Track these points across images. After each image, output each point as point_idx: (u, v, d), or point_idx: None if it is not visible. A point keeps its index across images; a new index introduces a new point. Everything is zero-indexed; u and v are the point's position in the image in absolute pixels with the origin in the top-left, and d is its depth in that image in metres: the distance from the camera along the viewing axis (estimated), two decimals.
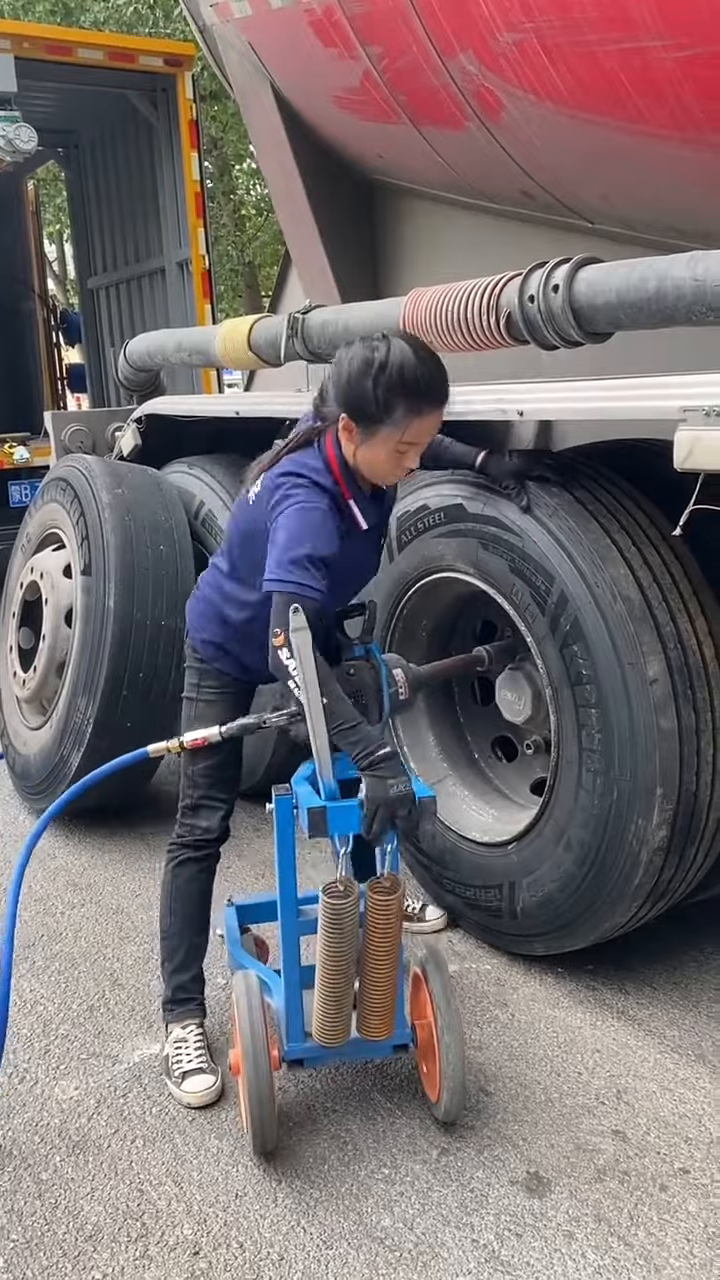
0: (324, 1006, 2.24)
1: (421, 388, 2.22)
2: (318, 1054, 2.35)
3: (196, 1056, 2.57)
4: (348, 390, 2.22)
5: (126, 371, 4.88)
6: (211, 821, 2.63)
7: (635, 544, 2.64)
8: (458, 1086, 2.31)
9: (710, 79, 2.57)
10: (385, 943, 2.20)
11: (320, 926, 2.16)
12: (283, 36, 3.94)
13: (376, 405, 2.20)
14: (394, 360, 2.19)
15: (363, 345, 2.25)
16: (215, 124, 14.81)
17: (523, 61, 2.97)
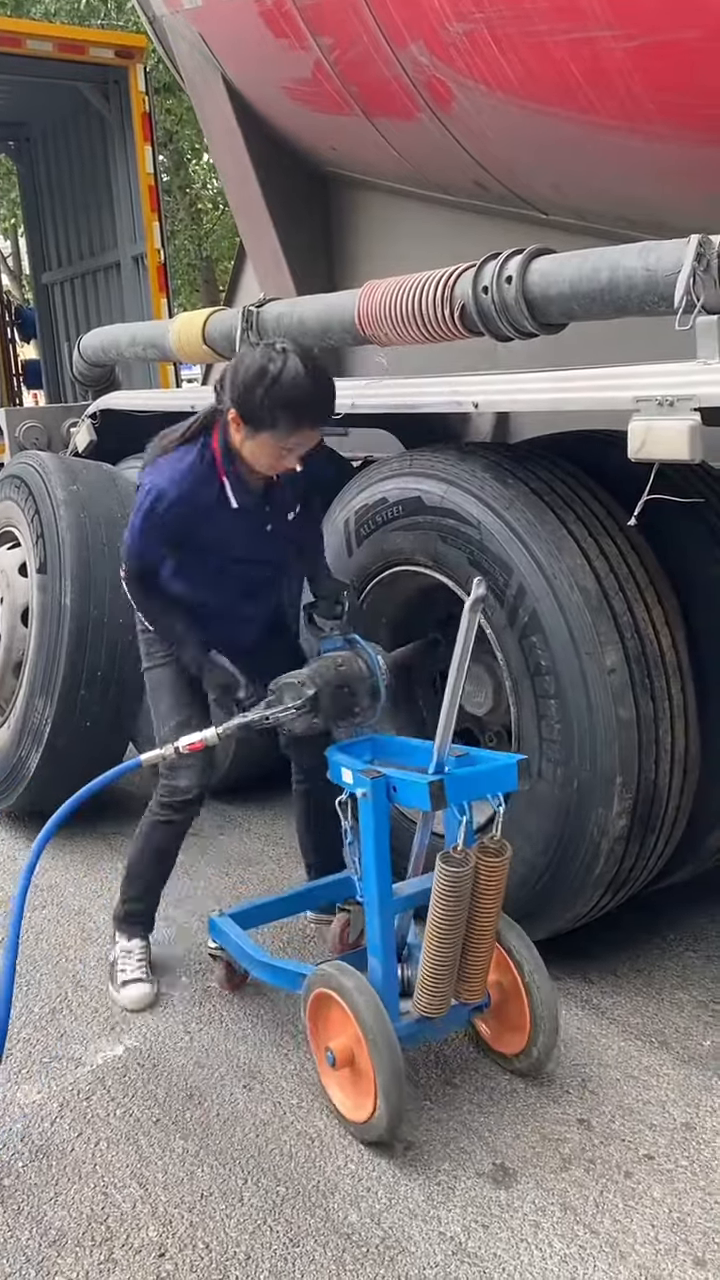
0: (434, 973, 2.29)
1: (306, 408, 2.41)
2: (414, 1030, 2.38)
3: (138, 967, 2.88)
4: (241, 394, 2.41)
5: (81, 367, 4.83)
6: (190, 779, 2.80)
7: (592, 534, 2.65)
8: (552, 1031, 2.42)
9: (659, 70, 2.58)
10: (492, 904, 2.32)
11: (435, 896, 2.24)
12: (233, 27, 3.91)
13: (263, 413, 2.39)
14: (286, 377, 2.36)
15: (262, 353, 2.40)
16: (170, 117, 14.69)
17: (473, 52, 2.97)
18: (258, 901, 2.94)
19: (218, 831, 3.94)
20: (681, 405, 2.12)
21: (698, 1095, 2.42)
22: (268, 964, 2.66)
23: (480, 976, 2.38)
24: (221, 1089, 2.53)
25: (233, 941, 2.75)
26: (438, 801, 2.22)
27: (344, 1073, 2.34)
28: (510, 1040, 2.49)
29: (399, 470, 3.01)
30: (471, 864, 2.24)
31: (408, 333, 2.90)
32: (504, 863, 2.29)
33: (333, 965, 2.39)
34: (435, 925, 2.26)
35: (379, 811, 2.33)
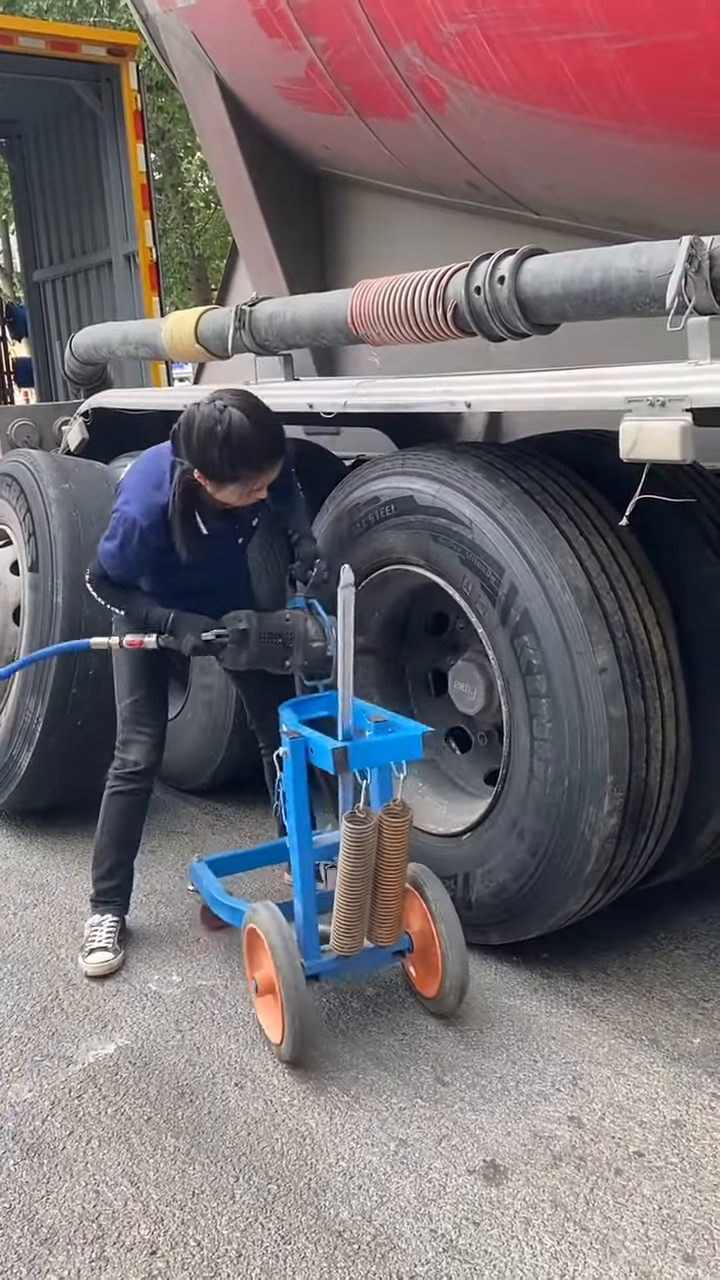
0: (346, 917, 2.51)
1: (260, 454, 2.59)
2: (334, 967, 2.62)
3: (105, 938, 3.03)
4: (198, 455, 2.58)
5: (73, 365, 4.83)
6: (139, 754, 3.02)
7: (583, 534, 2.66)
8: (460, 973, 2.62)
9: (652, 71, 2.59)
10: (396, 858, 2.53)
11: (343, 850, 2.46)
12: (226, 26, 3.91)
13: (224, 470, 2.58)
14: (234, 435, 2.52)
15: (206, 415, 2.54)
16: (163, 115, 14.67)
17: (466, 52, 2.97)
18: (230, 854, 3.26)
19: (209, 830, 3.94)
20: (673, 406, 2.13)
21: (687, 1092, 2.43)
22: (222, 903, 2.93)
23: (391, 921, 2.59)
24: (213, 1087, 2.53)
25: (204, 885, 3.04)
26: (340, 766, 2.43)
27: (266, 999, 2.59)
28: (428, 984, 2.70)
29: (391, 469, 3.02)
30: (374, 823, 2.45)
31: (400, 332, 2.90)
32: (405, 823, 2.50)
33: (261, 904, 2.63)
34: (343, 875, 2.48)
35: (297, 767, 2.56)
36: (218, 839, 3.87)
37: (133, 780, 3.04)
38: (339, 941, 2.56)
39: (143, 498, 2.73)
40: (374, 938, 2.61)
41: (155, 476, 2.74)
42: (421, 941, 2.69)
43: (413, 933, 2.70)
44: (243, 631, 2.78)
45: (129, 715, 3.05)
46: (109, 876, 3.10)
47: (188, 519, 2.70)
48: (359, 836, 2.44)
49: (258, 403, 2.63)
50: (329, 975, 2.66)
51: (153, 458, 2.82)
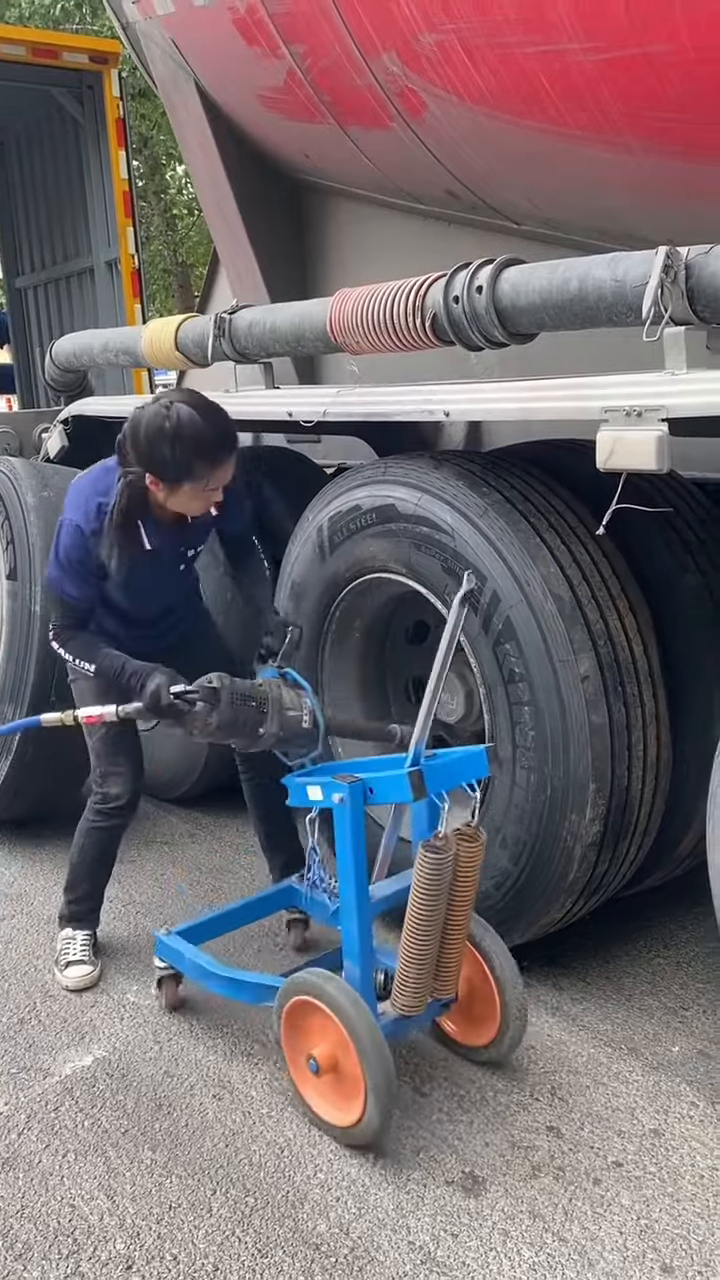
0: (416, 968, 2.29)
1: (214, 446, 2.50)
2: (395, 1029, 2.38)
3: (81, 951, 3.00)
4: (148, 456, 2.49)
5: (53, 372, 4.80)
6: (121, 788, 2.93)
7: (565, 543, 2.66)
8: (521, 1027, 2.44)
9: (627, 82, 2.60)
10: (468, 892, 2.33)
11: (417, 885, 2.24)
12: (206, 34, 3.91)
13: (177, 467, 2.48)
14: (185, 428, 2.45)
15: (154, 413, 2.47)
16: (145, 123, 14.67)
17: (444, 62, 2.98)
18: (205, 917, 2.88)
19: (189, 840, 3.92)
20: (649, 416, 2.14)
21: (666, 1102, 2.43)
22: (227, 978, 2.61)
23: (454, 970, 2.40)
24: (191, 1099, 2.52)
25: (186, 960, 2.71)
26: (419, 791, 2.24)
27: (328, 1079, 2.32)
28: (477, 1033, 2.52)
29: (372, 478, 3.02)
30: (453, 850, 2.25)
31: (379, 341, 2.90)
32: (480, 847, 2.32)
33: (310, 972, 2.37)
34: (416, 915, 2.25)
35: (356, 816, 2.32)
36: (197, 848, 3.85)
37: (115, 815, 2.96)
38: (406, 998, 2.32)
39: (85, 504, 2.63)
40: (436, 990, 2.39)
41: (102, 484, 2.64)
42: (466, 988, 2.49)
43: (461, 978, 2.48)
44: (213, 690, 2.50)
45: (104, 749, 2.93)
46: (83, 900, 3.06)
47: (130, 529, 2.59)
48: (437, 867, 2.23)
49: (204, 399, 2.57)
50: (390, 1040, 2.32)
51: (100, 470, 2.72)
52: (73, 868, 3.04)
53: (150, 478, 2.52)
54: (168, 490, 2.53)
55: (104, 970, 3.05)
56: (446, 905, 2.29)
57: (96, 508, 2.60)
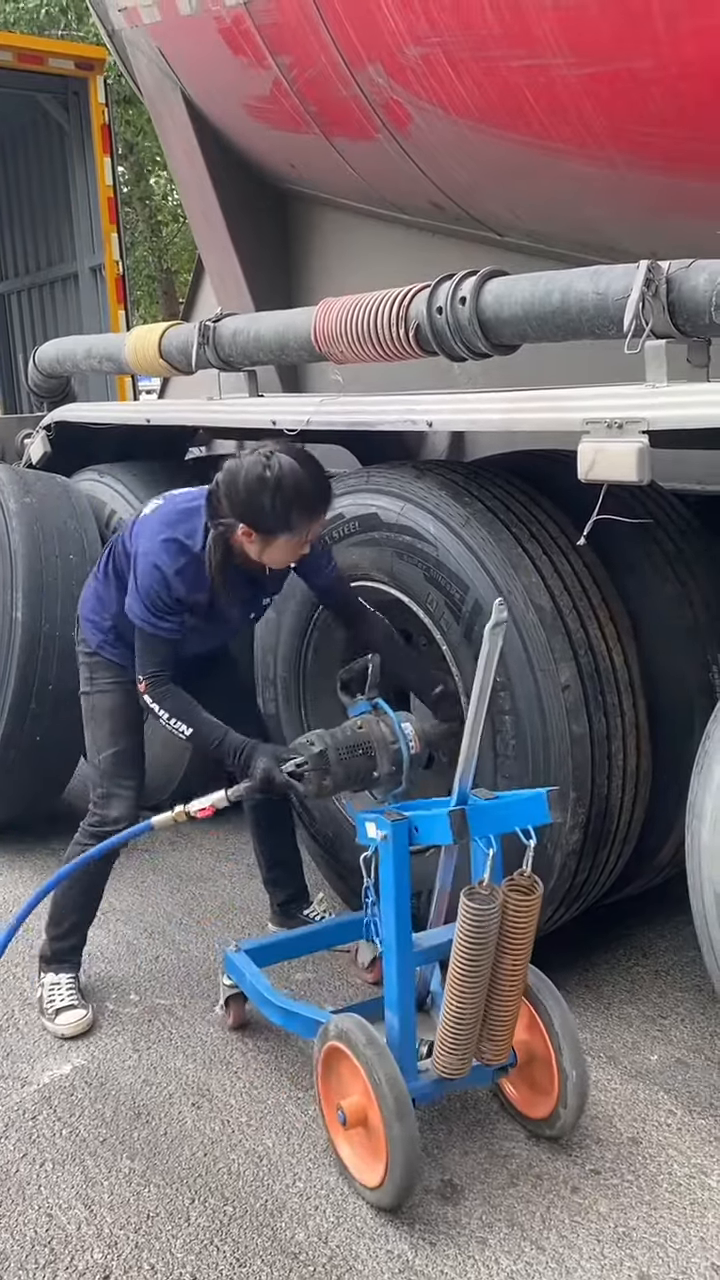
0: (457, 1028, 2.11)
1: (315, 499, 2.47)
2: (432, 1090, 2.25)
3: (68, 995, 2.85)
4: (246, 507, 2.42)
5: (36, 378, 4.80)
6: (121, 811, 2.77)
7: (546, 553, 2.68)
8: (580, 1102, 2.25)
9: (610, 96, 2.62)
10: (521, 949, 2.11)
11: (459, 937, 2.05)
12: (192, 44, 3.92)
13: (276, 520, 2.42)
14: (287, 479, 2.40)
15: (255, 463, 2.42)
16: (130, 129, 14.68)
17: (429, 75, 3.00)
18: (271, 940, 2.83)
19: (169, 848, 3.91)
20: (630, 428, 2.15)
21: (644, 1110, 2.44)
22: (281, 1008, 2.51)
23: (506, 1034, 2.18)
24: (169, 1108, 2.51)
25: (247, 980, 2.63)
26: (459, 832, 2.07)
27: (356, 1133, 2.21)
28: (535, 1104, 2.33)
29: (355, 486, 3.03)
30: (499, 901, 2.05)
31: (363, 351, 2.91)
32: (535, 901, 2.09)
33: (351, 1020, 2.22)
34: (458, 971, 2.06)
35: (400, 857, 2.18)
36: (177, 856, 3.85)
37: None
38: (447, 1060, 2.15)
39: (165, 543, 2.52)
40: (485, 1055, 2.20)
41: (184, 526, 2.54)
42: (524, 1054, 2.30)
43: (515, 1044, 2.27)
44: (320, 754, 2.40)
45: (110, 768, 2.79)
46: (67, 936, 2.89)
47: (225, 582, 2.53)
48: (480, 919, 2.02)
49: (303, 450, 2.52)
50: (425, 1101, 2.25)
51: (175, 508, 2.59)
52: (58, 898, 2.84)
53: (243, 528, 2.44)
54: (262, 542, 2.46)
55: (84, 979, 3.01)
56: (494, 961, 2.09)
57: (178, 546, 2.52)
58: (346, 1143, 2.25)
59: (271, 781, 2.43)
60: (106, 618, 2.75)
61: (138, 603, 2.54)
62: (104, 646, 2.78)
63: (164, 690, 2.56)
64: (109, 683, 2.78)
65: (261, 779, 2.44)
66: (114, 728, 2.80)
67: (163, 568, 2.50)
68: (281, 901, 3.18)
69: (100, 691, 2.80)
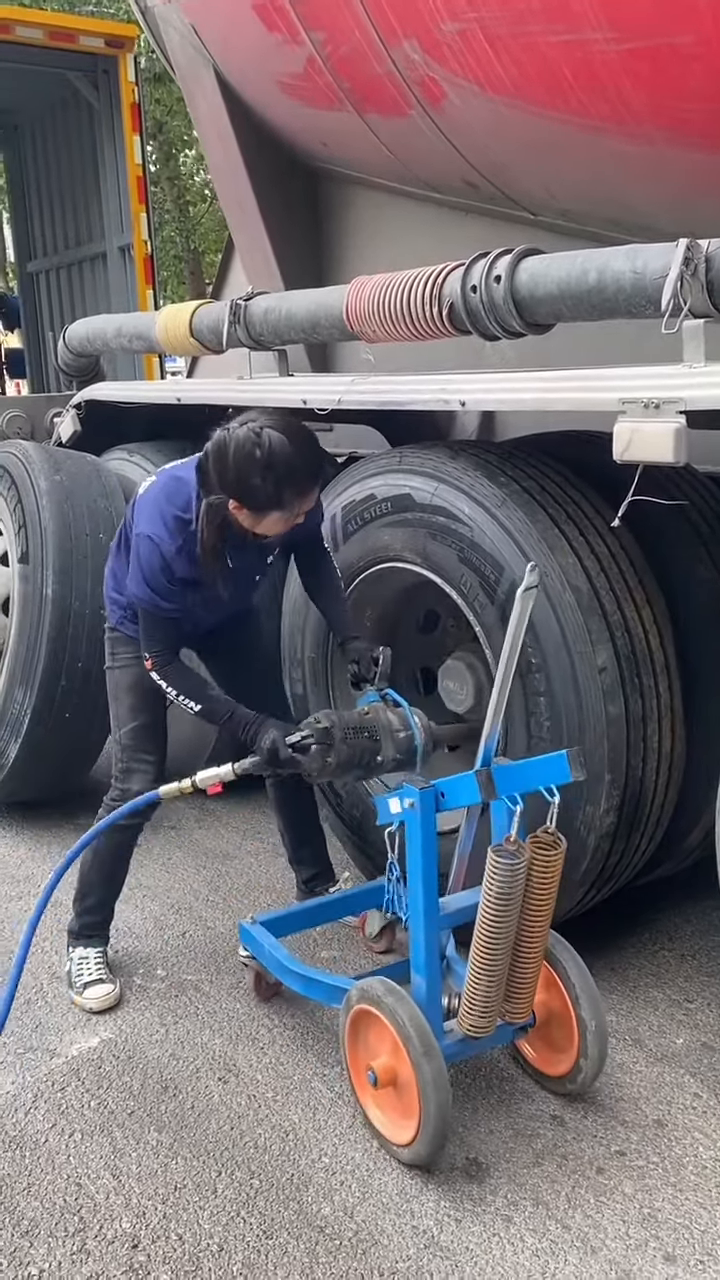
0: (484, 987, 2.17)
1: (304, 475, 2.41)
2: (458, 1049, 2.29)
3: (97, 969, 2.87)
4: (237, 484, 2.37)
5: (66, 357, 4.81)
6: (143, 784, 2.77)
7: (583, 534, 2.66)
8: (600, 1056, 2.31)
9: (650, 73, 2.59)
10: (544, 906, 2.17)
11: (485, 894, 2.11)
12: (225, 19, 3.90)
13: (266, 496, 2.38)
14: (277, 456, 2.33)
15: (244, 438, 2.34)
16: (160, 108, 14.65)
17: (466, 51, 2.97)
18: (287, 911, 2.85)
19: (195, 825, 3.93)
20: (667, 408, 2.13)
21: (670, 1093, 2.44)
22: (302, 975, 2.54)
23: (528, 993, 2.25)
24: (196, 1081, 2.53)
25: (265, 950, 2.66)
26: (487, 791, 2.15)
27: (386, 1092, 2.24)
28: (554, 1061, 2.39)
29: (388, 467, 3.02)
30: (525, 857, 2.11)
31: (396, 330, 2.90)
32: (559, 857, 2.16)
33: (376, 980, 2.27)
34: (485, 927, 2.12)
35: (427, 824, 2.22)
36: (204, 833, 3.87)
37: (133, 815, 2.76)
38: (473, 1018, 2.20)
39: (160, 519, 2.51)
40: (507, 1014, 2.26)
41: (178, 498, 2.53)
42: (544, 1014, 2.37)
43: (535, 1004, 2.35)
44: (325, 730, 2.44)
45: (131, 742, 2.81)
46: (95, 910, 2.92)
47: (219, 554, 2.50)
48: (509, 874, 2.08)
49: (293, 422, 2.45)
50: (451, 1060, 2.27)
51: (168, 480, 2.59)
52: (84, 873, 2.88)
53: (234, 503, 2.41)
54: (254, 517, 2.43)
55: (112, 954, 3.04)
56: (519, 918, 2.16)
57: (176, 521, 2.50)
58: (377, 1105, 2.30)
59: (276, 754, 2.46)
60: (123, 595, 2.76)
61: (138, 584, 2.54)
62: (123, 622, 2.79)
63: (169, 668, 2.59)
64: (129, 657, 2.79)
65: (267, 751, 2.46)
66: (135, 702, 2.81)
67: (161, 548, 2.49)
68: (306, 879, 3.20)
69: (121, 666, 2.82)
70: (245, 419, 2.40)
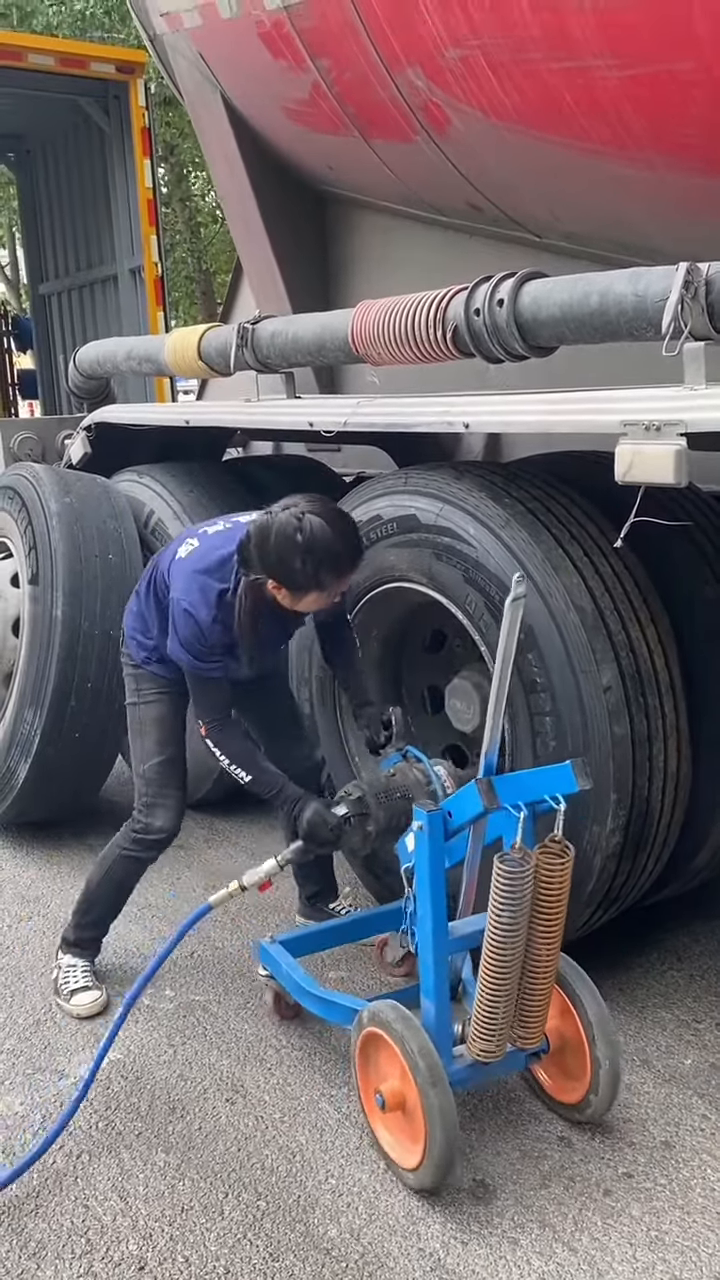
0: (490, 1008, 2.14)
1: (345, 559, 2.47)
2: (467, 1075, 2.27)
3: (83, 977, 2.94)
4: (278, 567, 2.44)
5: (76, 379, 4.86)
6: (166, 820, 2.83)
7: (587, 554, 2.67)
8: (613, 1088, 2.30)
9: (651, 98, 2.62)
10: (554, 919, 2.13)
11: (493, 904, 2.08)
12: (233, 47, 3.96)
13: (306, 579, 2.44)
14: (319, 541, 2.39)
15: (285, 522, 2.40)
16: (171, 130, 14.77)
17: (469, 78, 3.01)
18: (305, 931, 2.88)
19: (205, 844, 3.94)
20: (668, 430, 2.15)
21: (678, 1114, 2.43)
22: (318, 996, 2.55)
23: (539, 1017, 2.22)
24: (204, 1102, 2.54)
25: (283, 970, 2.66)
26: (489, 800, 2.12)
27: (394, 1116, 2.25)
28: (568, 1089, 2.38)
29: (393, 488, 3.04)
30: (531, 865, 2.07)
31: (400, 352, 2.93)
32: (567, 865, 2.12)
33: (385, 1004, 2.27)
34: (493, 941, 2.10)
35: (435, 846, 2.22)
36: (213, 853, 3.88)
37: (154, 847, 2.87)
38: (482, 1042, 2.17)
39: (201, 591, 2.55)
40: (518, 1039, 2.24)
41: (218, 572, 2.57)
42: (557, 1040, 2.34)
43: (547, 1030, 2.31)
44: (360, 800, 2.50)
45: (156, 777, 2.83)
46: (94, 926, 2.99)
47: (254, 626, 2.57)
48: (514, 884, 2.05)
49: (332, 505, 2.52)
50: (460, 1086, 2.25)
51: (210, 553, 2.60)
52: (90, 890, 2.94)
53: (273, 583, 2.47)
54: (292, 596, 2.49)
55: (120, 974, 3.06)
56: (528, 934, 2.13)
57: (217, 595, 2.55)
58: (385, 1128, 2.30)
59: (321, 834, 2.52)
60: (149, 638, 2.80)
61: (179, 648, 2.59)
62: (148, 662, 2.82)
63: (224, 735, 2.63)
64: (155, 693, 2.82)
65: (312, 833, 2.53)
66: (160, 737, 2.83)
67: (198, 618, 2.54)
68: (310, 895, 3.23)
69: (146, 703, 2.84)
70: (288, 503, 2.47)
